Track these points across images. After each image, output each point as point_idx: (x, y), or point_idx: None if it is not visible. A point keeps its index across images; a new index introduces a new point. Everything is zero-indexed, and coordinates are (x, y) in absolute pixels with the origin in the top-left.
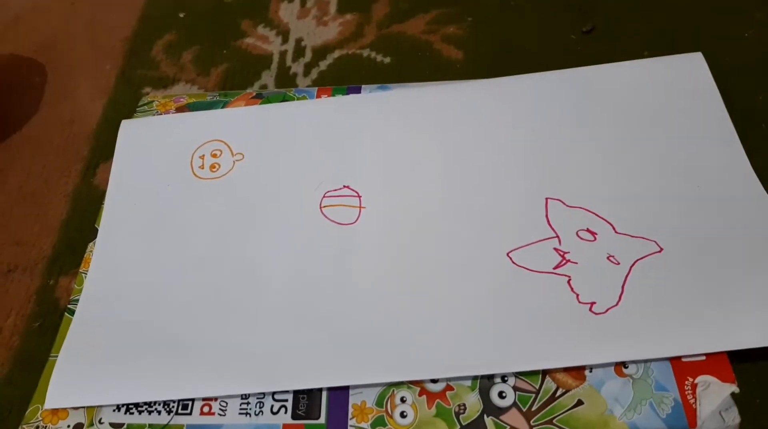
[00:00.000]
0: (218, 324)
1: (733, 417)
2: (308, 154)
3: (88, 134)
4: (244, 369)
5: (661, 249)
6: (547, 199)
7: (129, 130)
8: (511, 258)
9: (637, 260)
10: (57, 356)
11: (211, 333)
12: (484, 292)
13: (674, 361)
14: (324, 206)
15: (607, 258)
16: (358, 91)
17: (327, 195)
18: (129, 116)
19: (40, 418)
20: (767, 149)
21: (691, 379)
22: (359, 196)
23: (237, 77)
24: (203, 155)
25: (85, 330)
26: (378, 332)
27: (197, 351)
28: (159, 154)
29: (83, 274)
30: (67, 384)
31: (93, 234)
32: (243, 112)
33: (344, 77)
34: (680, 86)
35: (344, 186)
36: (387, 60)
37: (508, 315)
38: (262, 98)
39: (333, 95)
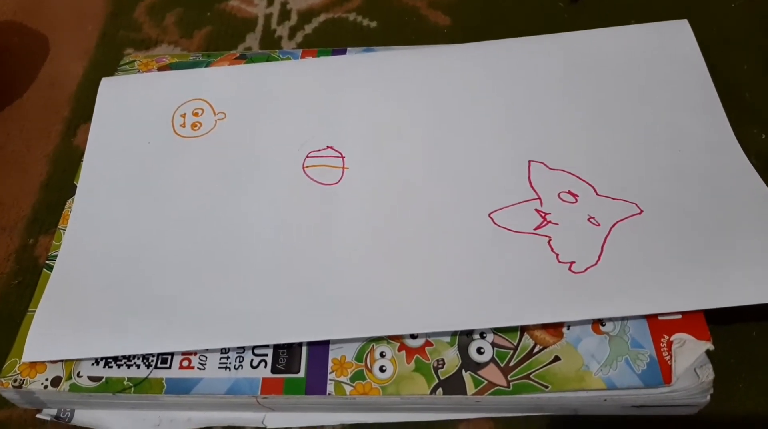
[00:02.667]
0: (199, 280)
1: (707, 374)
2: (291, 114)
3: (68, 96)
4: (225, 324)
5: (642, 211)
6: (530, 161)
7: (109, 88)
8: (492, 219)
9: (617, 222)
10: (35, 311)
11: (191, 289)
12: (464, 251)
13: (651, 319)
14: (307, 166)
15: (588, 219)
16: (343, 53)
17: (310, 155)
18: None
19: (18, 372)
20: (751, 119)
21: (666, 337)
22: (342, 157)
23: (221, 40)
24: (184, 114)
25: (64, 284)
26: (359, 289)
27: (177, 306)
28: (139, 112)
29: (62, 231)
30: (45, 337)
31: (72, 191)
32: (226, 72)
33: (330, 41)
34: (665, 52)
35: (327, 146)
36: (373, 24)
37: (487, 273)
38: (246, 59)
39: (318, 57)
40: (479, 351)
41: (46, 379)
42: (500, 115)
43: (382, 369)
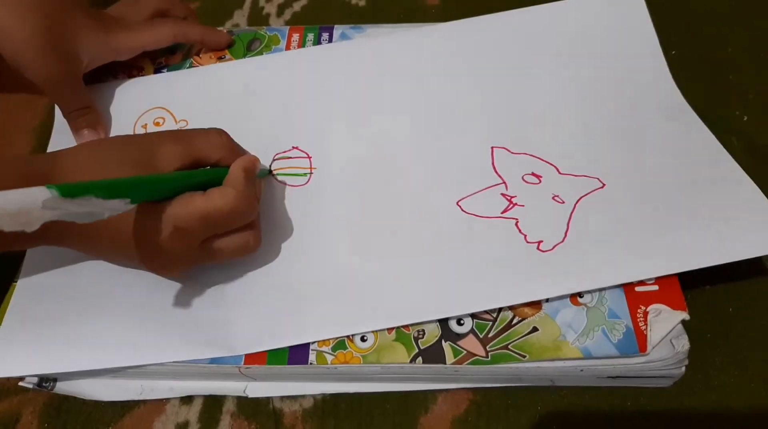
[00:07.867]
0: (170, 290)
1: (683, 344)
2: (253, 116)
3: None
4: (197, 335)
5: (604, 185)
6: (492, 147)
7: None
8: (460, 206)
9: (581, 197)
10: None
11: (163, 299)
12: (435, 242)
13: (628, 290)
14: (274, 170)
15: (552, 198)
16: (330, 30)
17: (276, 157)
18: None
19: None
20: (734, 100)
21: (643, 308)
22: (309, 157)
23: (208, 16)
24: (146, 125)
25: (31, 293)
26: (334, 288)
27: (148, 317)
28: None
29: None
30: (15, 350)
31: None
32: (183, 76)
33: (318, 19)
34: (617, 25)
35: (293, 147)
36: (362, 3)
37: (460, 260)
38: (233, 35)
39: (305, 34)
40: (459, 322)
41: None
42: (460, 103)
43: (363, 339)
